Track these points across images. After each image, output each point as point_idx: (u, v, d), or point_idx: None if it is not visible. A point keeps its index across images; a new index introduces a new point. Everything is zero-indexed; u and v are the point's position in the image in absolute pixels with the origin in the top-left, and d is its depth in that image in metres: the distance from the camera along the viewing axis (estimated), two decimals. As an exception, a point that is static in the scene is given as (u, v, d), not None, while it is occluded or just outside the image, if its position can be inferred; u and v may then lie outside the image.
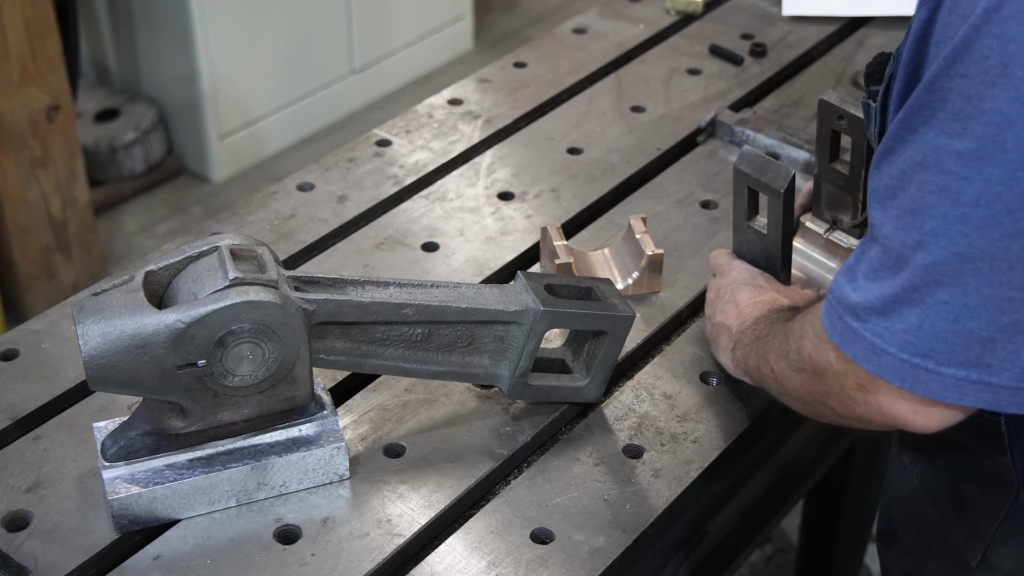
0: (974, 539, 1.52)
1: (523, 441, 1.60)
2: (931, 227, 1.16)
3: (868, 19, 2.52)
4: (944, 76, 1.14)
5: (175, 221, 4.03)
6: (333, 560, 1.44)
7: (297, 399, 1.49)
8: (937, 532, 1.59)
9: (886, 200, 1.22)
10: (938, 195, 1.15)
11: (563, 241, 1.83)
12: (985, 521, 1.50)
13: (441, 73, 4.71)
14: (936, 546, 1.61)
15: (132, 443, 1.46)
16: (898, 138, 1.20)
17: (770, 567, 3.09)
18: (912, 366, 1.20)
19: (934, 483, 1.59)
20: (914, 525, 1.66)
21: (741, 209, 1.71)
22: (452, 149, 2.17)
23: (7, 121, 3.30)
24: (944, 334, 1.18)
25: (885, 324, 1.21)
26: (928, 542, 1.63)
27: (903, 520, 1.69)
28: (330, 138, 4.37)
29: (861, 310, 1.23)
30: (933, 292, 1.17)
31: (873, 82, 1.51)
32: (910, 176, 1.18)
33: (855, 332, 1.24)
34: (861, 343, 1.23)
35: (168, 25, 3.91)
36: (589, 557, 1.46)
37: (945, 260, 1.16)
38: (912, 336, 1.19)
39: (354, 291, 1.49)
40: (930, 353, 1.19)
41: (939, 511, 1.58)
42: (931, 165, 1.16)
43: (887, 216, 1.21)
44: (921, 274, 1.17)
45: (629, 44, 2.47)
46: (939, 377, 1.19)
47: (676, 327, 1.82)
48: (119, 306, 1.36)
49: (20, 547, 1.44)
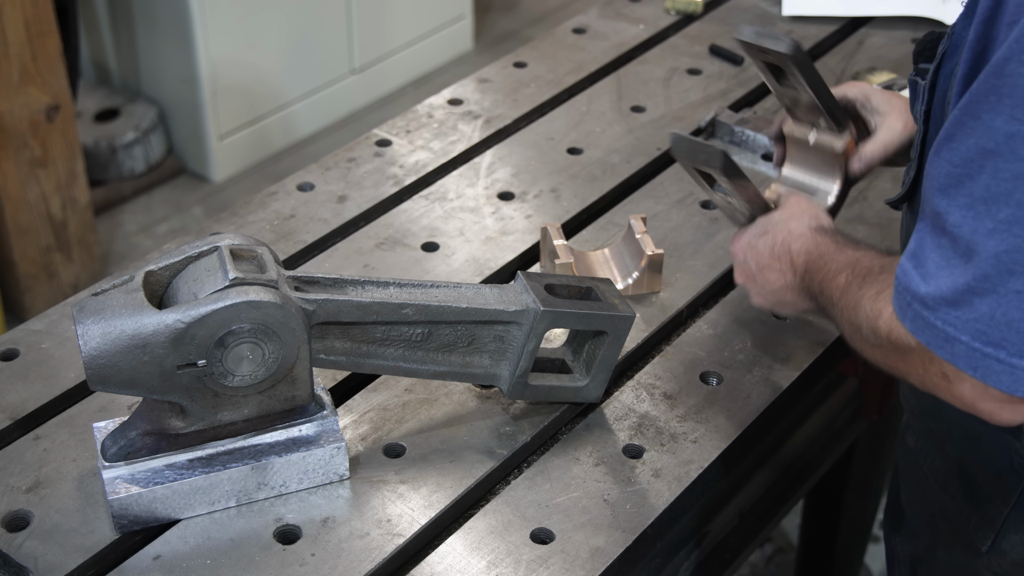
0: (984, 525, 1.52)
1: (523, 441, 1.60)
2: (1005, 215, 1.14)
3: (868, 19, 2.52)
4: (1016, 61, 1.11)
5: (175, 221, 4.03)
6: (333, 560, 1.44)
7: (297, 399, 1.49)
8: (947, 517, 1.59)
9: (950, 188, 1.19)
10: (1013, 183, 1.14)
11: (563, 241, 1.83)
12: (996, 507, 1.50)
13: (441, 73, 4.71)
14: (945, 531, 1.60)
15: (132, 443, 1.46)
16: (961, 124, 1.18)
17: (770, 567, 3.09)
18: (984, 355, 1.18)
19: (944, 469, 1.58)
20: (923, 510, 1.65)
21: (702, 184, 1.70)
22: (452, 149, 2.17)
23: (7, 121, 3.30)
24: (1017, 324, 1.16)
25: (956, 313, 1.18)
26: (937, 527, 1.62)
27: (912, 504, 1.68)
28: (330, 138, 4.36)
29: (931, 300, 1.21)
30: (1006, 281, 1.15)
31: (923, 60, 1.48)
32: (979, 164, 1.16)
33: (925, 320, 1.21)
34: (932, 330, 1.21)
35: (168, 25, 3.91)
36: (589, 557, 1.46)
37: (1019, 248, 1.14)
38: (984, 325, 1.17)
39: (354, 291, 1.49)
40: (1002, 343, 1.17)
41: (950, 496, 1.57)
42: (1005, 153, 1.14)
43: (954, 204, 1.19)
44: (993, 263, 1.15)
45: (629, 44, 2.47)
46: (1010, 368, 1.17)
47: (676, 327, 1.82)
48: (119, 306, 1.36)
49: (20, 547, 1.44)
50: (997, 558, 1.52)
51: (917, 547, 1.68)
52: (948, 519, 1.59)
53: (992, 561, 1.53)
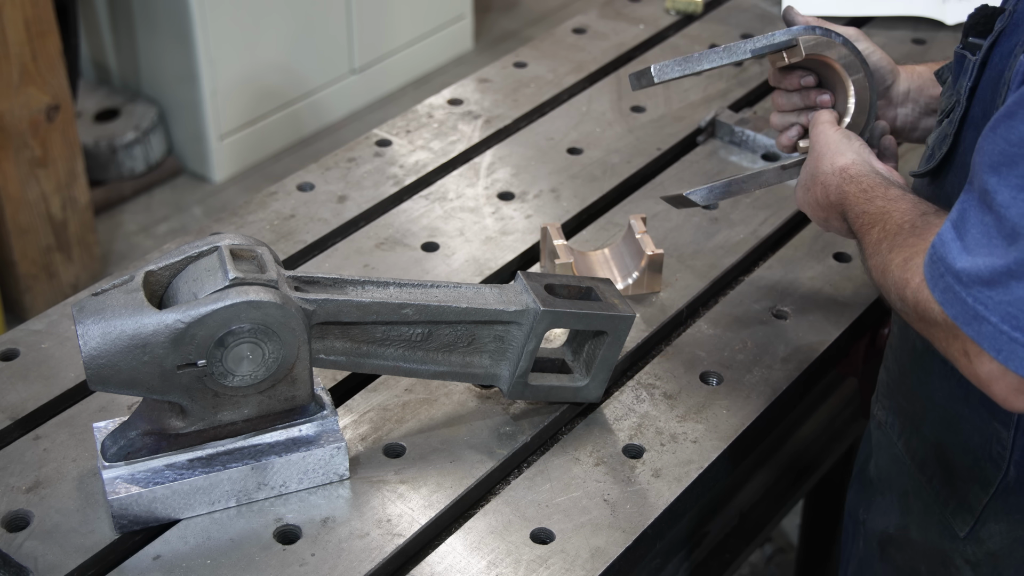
0: (963, 511, 1.51)
1: (523, 441, 1.60)
2: None
3: (868, 19, 2.52)
4: None
5: (175, 221, 4.03)
6: (333, 560, 1.44)
7: (297, 399, 1.49)
8: (921, 498, 1.58)
9: (1003, 167, 1.18)
10: None
11: (563, 241, 1.83)
12: (975, 495, 1.49)
13: (441, 73, 4.71)
14: (918, 511, 1.59)
15: (132, 443, 1.46)
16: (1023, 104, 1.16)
17: (770, 567, 3.09)
18: (1010, 339, 1.16)
19: (921, 449, 1.57)
20: (895, 487, 1.65)
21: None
22: (452, 149, 2.17)
23: (7, 121, 3.30)
24: None
25: (990, 293, 1.17)
26: (909, 506, 1.61)
27: (884, 481, 1.67)
28: (330, 138, 4.36)
29: (965, 276, 1.19)
30: None
31: (975, 34, 1.43)
32: None
33: (956, 294, 1.20)
34: (962, 306, 1.19)
35: (168, 25, 3.91)
36: (589, 557, 1.46)
37: None
38: (1016, 309, 1.16)
39: (354, 291, 1.49)
40: None
41: (927, 478, 1.56)
42: None
43: (1004, 184, 1.17)
44: None
45: (629, 44, 2.46)
46: None
47: (676, 327, 1.82)
48: (119, 306, 1.36)
49: (20, 547, 1.44)
50: (973, 545, 1.52)
51: (887, 525, 1.67)
52: (922, 500, 1.58)
53: (968, 548, 1.52)
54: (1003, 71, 1.34)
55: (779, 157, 2.12)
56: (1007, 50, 1.35)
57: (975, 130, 1.38)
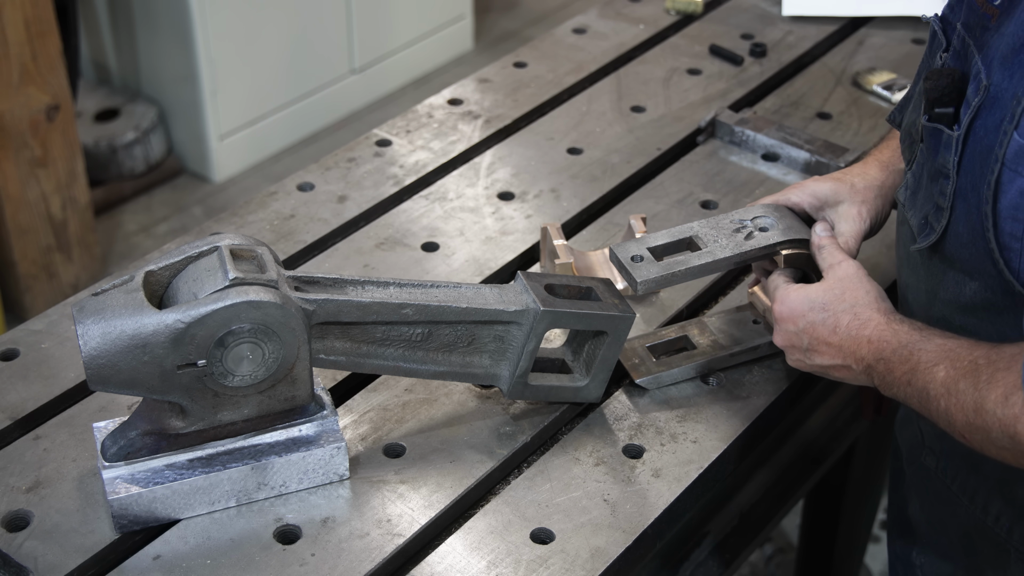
0: None
1: (523, 441, 1.60)
2: None
3: (868, 19, 2.52)
4: None
5: (175, 221, 4.03)
6: (333, 560, 1.44)
7: (297, 399, 1.49)
8: (987, 536, 1.56)
9: None
10: None
11: (563, 241, 1.83)
12: None
13: (441, 73, 4.71)
14: (988, 551, 1.57)
15: (132, 443, 1.46)
16: None
17: (770, 567, 3.09)
18: None
19: (982, 489, 1.55)
20: (953, 530, 1.62)
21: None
22: (452, 149, 2.17)
23: (7, 121, 3.30)
24: None
25: None
26: (974, 546, 1.59)
27: (936, 524, 1.66)
28: (330, 138, 4.36)
29: None
30: None
31: (940, 105, 1.37)
32: None
33: None
34: None
35: (168, 25, 3.91)
36: (589, 557, 1.46)
37: None
38: None
39: (354, 291, 1.49)
40: None
41: (993, 518, 1.54)
42: None
43: None
44: None
45: (629, 44, 2.47)
46: None
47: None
48: (119, 306, 1.36)
49: (20, 547, 1.44)
50: None
51: (953, 568, 1.65)
52: (989, 538, 1.56)
53: None
54: (992, 146, 1.30)
55: (779, 157, 2.12)
56: (992, 124, 1.30)
57: (965, 199, 1.35)
